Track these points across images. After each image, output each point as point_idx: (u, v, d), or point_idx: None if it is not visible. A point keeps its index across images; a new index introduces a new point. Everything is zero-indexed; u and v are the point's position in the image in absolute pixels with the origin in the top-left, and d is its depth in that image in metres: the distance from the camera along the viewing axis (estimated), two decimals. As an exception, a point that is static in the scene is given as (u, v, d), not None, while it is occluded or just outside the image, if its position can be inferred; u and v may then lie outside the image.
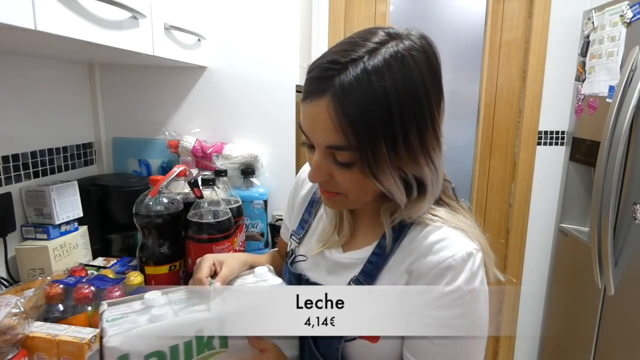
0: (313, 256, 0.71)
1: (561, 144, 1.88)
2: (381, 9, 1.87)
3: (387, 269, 0.61)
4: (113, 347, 0.55)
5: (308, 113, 0.54)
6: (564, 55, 1.79)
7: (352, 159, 0.53)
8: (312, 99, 0.53)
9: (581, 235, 1.71)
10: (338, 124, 0.50)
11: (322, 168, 0.56)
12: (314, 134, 0.55)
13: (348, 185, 0.57)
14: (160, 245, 0.94)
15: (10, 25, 0.58)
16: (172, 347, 0.58)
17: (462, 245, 0.56)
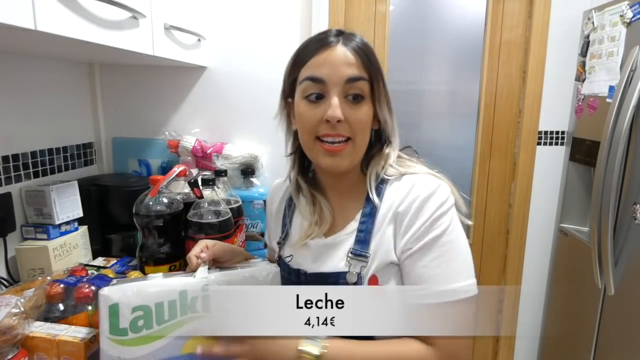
0: (297, 250, 0.75)
1: (561, 144, 1.88)
2: (381, 9, 1.87)
3: (376, 229, 0.68)
4: (105, 296, 0.61)
5: (328, 57, 0.66)
6: (564, 55, 1.79)
7: (366, 90, 0.67)
8: (332, 46, 0.66)
9: (581, 235, 1.71)
10: (359, 60, 0.66)
11: (339, 106, 0.65)
12: (336, 71, 0.65)
13: (358, 123, 0.66)
14: (160, 245, 0.95)
15: (10, 25, 0.58)
16: (157, 304, 0.63)
17: (432, 182, 0.67)
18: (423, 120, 1.96)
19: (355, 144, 0.68)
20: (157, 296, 0.62)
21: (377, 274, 0.66)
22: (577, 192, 1.79)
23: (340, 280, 0.67)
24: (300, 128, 0.70)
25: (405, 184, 0.68)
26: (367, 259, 0.66)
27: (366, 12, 1.87)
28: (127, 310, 0.61)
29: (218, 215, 0.96)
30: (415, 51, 1.88)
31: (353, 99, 0.66)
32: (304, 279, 0.71)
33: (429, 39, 1.88)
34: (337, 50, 0.66)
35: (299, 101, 0.69)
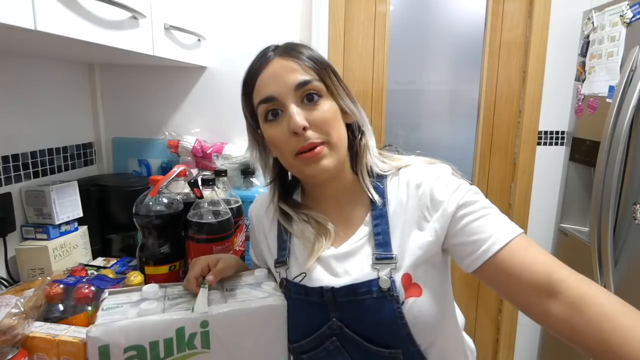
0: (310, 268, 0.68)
1: (561, 144, 1.88)
2: (381, 9, 1.87)
3: (393, 228, 0.66)
4: (94, 338, 0.57)
5: (269, 73, 0.66)
6: (564, 55, 1.79)
7: (319, 88, 0.66)
8: (270, 60, 0.67)
9: (581, 235, 1.71)
10: (301, 64, 0.66)
11: (299, 113, 0.64)
12: (282, 82, 0.65)
13: (325, 121, 0.65)
14: (160, 245, 0.94)
15: (10, 25, 0.58)
16: (152, 343, 0.59)
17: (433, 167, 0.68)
18: (423, 120, 1.96)
19: (332, 143, 0.66)
20: (152, 335, 0.59)
21: (409, 272, 0.64)
22: (577, 192, 1.79)
23: (373, 289, 0.63)
24: (276, 151, 0.69)
25: (407, 177, 0.68)
26: (393, 261, 0.64)
27: (366, 12, 1.87)
28: (119, 351, 0.58)
29: (218, 215, 0.96)
30: (415, 51, 1.88)
31: (309, 100, 0.65)
32: (331, 295, 0.65)
33: (429, 39, 1.88)
34: (275, 63, 0.67)
35: (264, 126, 0.68)
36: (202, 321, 0.61)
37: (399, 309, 0.62)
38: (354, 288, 0.64)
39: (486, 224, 0.61)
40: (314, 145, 0.64)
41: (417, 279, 0.64)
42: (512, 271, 0.58)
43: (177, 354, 0.61)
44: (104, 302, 0.65)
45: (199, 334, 0.61)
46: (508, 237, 0.59)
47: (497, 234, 0.59)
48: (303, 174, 0.68)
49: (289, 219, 0.74)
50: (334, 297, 0.65)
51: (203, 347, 0.62)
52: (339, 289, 0.65)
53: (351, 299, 0.64)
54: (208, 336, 0.62)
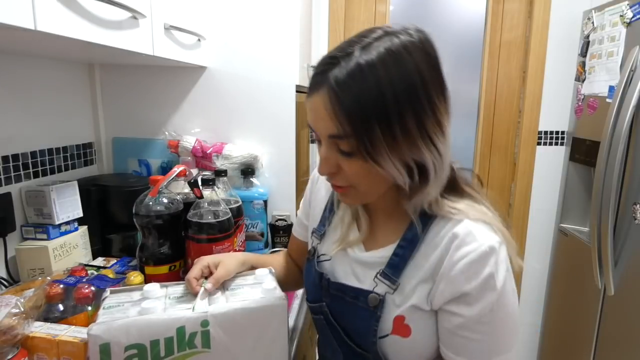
0: (335, 255, 0.71)
1: (561, 144, 1.88)
2: (381, 9, 1.87)
3: (413, 263, 0.62)
4: (95, 335, 0.58)
5: (310, 107, 0.58)
6: (564, 55, 1.79)
7: (352, 147, 0.55)
8: (311, 93, 0.57)
9: (581, 235, 1.71)
10: (333, 114, 0.53)
11: (329, 160, 0.59)
12: (316, 126, 0.58)
13: (355, 176, 0.58)
14: (160, 245, 0.94)
15: (10, 25, 0.58)
16: (152, 341, 0.60)
17: (485, 238, 0.57)
18: (423, 120, 1.96)
19: (359, 190, 0.61)
20: (153, 334, 0.59)
21: (405, 314, 0.61)
22: (577, 192, 1.79)
23: (360, 298, 0.63)
24: None
25: (458, 230, 0.58)
26: (394, 286, 0.61)
27: (366, 12, 1.87)
28: (120, 349, 0.58)
29: (218, 215, 0.96)
30: (415, 51, 1.88)
31: (341, 153, 0.57)
32: (326, 284, 0.69)
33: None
34: (317, 99, 0.55)
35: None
36: (202, 320, 0.61)
37: (375, 327, 0.62)
38: (346, 289, 0.66)
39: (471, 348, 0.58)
40: (337, 187, 0.62)
41: (411, 322, 0.61)
42: None
43: (178, 353, 0.61)
44: (105, 301, 0.66)
45: (199, 333, 0.61)
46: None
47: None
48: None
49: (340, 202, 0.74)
50: (328, 286, 0.69)
51: (203, 347, 0.62)
52: (333, 283, 0.68)
53: (340, 295, 0.67)
54: (209, 335, 0.62)
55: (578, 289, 1.70)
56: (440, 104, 0.56)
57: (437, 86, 0.56)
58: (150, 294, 0.66)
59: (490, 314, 0.56)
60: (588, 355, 1.60)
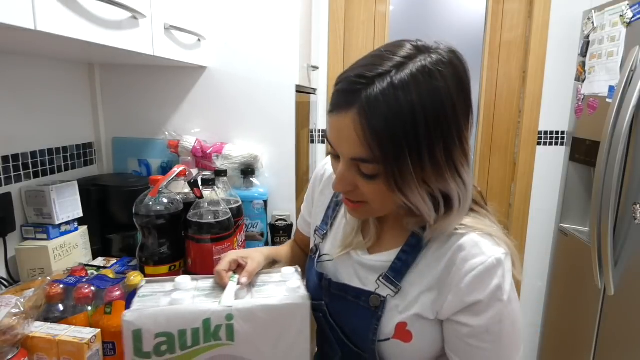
0: (338, 257, 0.71)
1: (561, 144, 1.88)
2: (381, 9, 1.87)
3: (417, 270, 0.62)
4: (128, 322, 0.61)
5: (334, 125, 0.55)
6: (564, 55, 1.79)
7: (377, 171, 0.54)
8: (338, 112, 0.53)
9: (581, 235, 1.71)
10: (363, 137, 0.51)
11: (346, 179, 0.57)
12: (339, 145, 0.55)
13: (372, 196, 0.58)
14: (160, 245, 0.95)
15: (10, 25, 0.58)
16: (180, 331, 0.62)
17: (491, 251, 0.57)
18: (423, 120, 1.96)
19: (373, 207, 0.60)
20: (181, 324, 0.62)
21: (407, 321, 0.61)
22: (577, 192, 1.79)
23: (362, 298, 0.64)
24: None
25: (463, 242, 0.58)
26: (395, 289, 0.62)
27: (366, 12, 1.87)
28: (150, 335, 0.61)
29: (218, 215, 0.96)
30: (415, 51, 1.88)
31: (362, 175, 0.56)
32: (327, 284, 0.70)
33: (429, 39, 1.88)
34: (345, 119, 0.52)
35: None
36: (227, 314, 0.63)
37: (376, 326, 0.62)
38: (348, 289, 0.67)
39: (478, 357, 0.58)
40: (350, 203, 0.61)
41: (413, 328, 0.61)
42: None
43: (203, 344, 0.63)
44: (140, 290, 0.69)
45: (224, 326, 0.63)
46: None
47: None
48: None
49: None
50: (329, 286, 0.69)
51: (228, 340, 0.64)
52: (334, 283, 0.69)
53: (342, 295, 0.68)
54: (233, 329, 0.64)
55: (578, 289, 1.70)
56: (466, 132, 0.56)
57: (466, 113, 0.55)
58: (182, 285, 0.69)
59: (498, 325, 0.57)
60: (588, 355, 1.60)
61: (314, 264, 0.75)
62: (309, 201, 0.86)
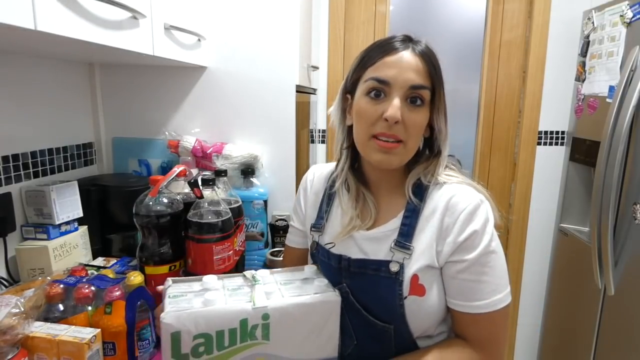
0: (341, 241, 0.77)
1: (561, 144, 1.88)
2: (381, 9, 1.87)
3: (419, 228, 0.71)
4: (168, 324, 0.61)
5: (396, 61, 0.69)
6: (564, 55, 1.79)
7: (426, 97, 0.69)
8: (400, 50, 0.69)
9: (581, 235, 1.71)
10: (426, 68, 0.69)
11: (399, 109, 0.67)
12: (402, 75, 0.68)
13: (413, 127, 0.69)
14: (160, 245, 0.94)
15: (10, 25, 0.58)
16: (218, 332, 0.63)
17: (474, 194, 0.70)
18: (423, 120, 1.96)
19: (407, 147, 0.70)
20: (219, 324, 0.63)
21: (418, 274, 0.69)
22: (577, 192, 1.79)
23: (382, 268, 0.70)
24: (357, 124, 0.73)
25: (449, 191, 0.70)
26: (409, 251, 0.70)
27: (366, 12, 1.87)
28: (189, 337, 0.62)
29: (218, 215, 0.96)
30: (415, 51, 1.88)
31: (412, 102, 0.68)
32: (346, 264, 0.74)
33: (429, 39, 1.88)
34: (405, 55, 0.69)
35: (360, 98, 0.71)
36: (263, 314, 0.64)
37: (400, 291, 0.69)
38: (367, 263, 0.72)
39: (478, 290, 0.67)
40: (393, 139, 0.68)
41: (424, 281, 0.69)
42: (473, 326, 0.70)
43: (240, 344, 0.64)
44: (168, 290, 0.69)
45: (260, 325, 0.64)
46: (491, 308, 0.67)
47: (483, 302, 0.67)
48: (369, 156, 0.72)
49: (344, 189, 0.80)
50: (349, 266, 0.74)
51: (263, 338, 0.65)
52: (354, 260, 0.73)
53: (362, 271, 0.72)
54: (268, 328, 0.65)
55: (578, 289, 1.70)
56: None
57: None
58: (210, 285, 0.70)
59: (487, 256, 0.67)
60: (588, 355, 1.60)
61: (325, 252, 0.78)
62: (299, 213, 0.91)
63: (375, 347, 0.73)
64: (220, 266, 0.96)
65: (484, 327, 0.69)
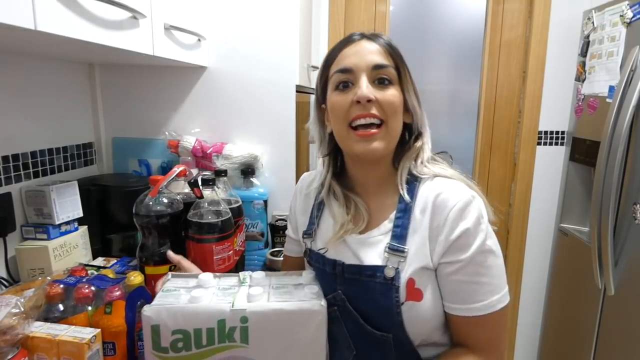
0: (333, 246, 0.75)
1: (561, 144, 1.88)
2: (381, 9, 1.87)
3: (411, 228, 0.69)
4: (147, 317, 0.63)
5: (353, 49, 0.71)
6: (564, 55, 1.79)
7: (393, 76, 0.70)
8: (357, 41, 0.72)
9: (581, 235, 1.71)
10: (384, 49, 0.71)
11: (369, 87, 0.68)
12: (363, 58, 0.69)
13: (388, 105, 0.69)
14: (160, 245, 0.94)
15: (10, 25, 0.58)
16: (196, 330, 0.63)
17: (466, 190, 0.67)
18: (423, 120, 1.96)
19: (388, 127, 0.70)
20: (196, 323, 0.63)
21: (414, 277, 0.67)
22: (577, 192, 1.79)
23: (377, 274, 0.68)
24: (333, 120, 0.73)
25: (439, 187, 0.69)
26: (404, 254, 0.67)
27: (366, 12, 1.87)
28: (167, 331, 0.62)
29: (218, 215, 0.96)
30: (415, 51, 1.88)
31: (379, 82, 0.69)
32: (341, 269, 0.72)
33: (429, 39, 1.88)
34: (362, 42, 0.71)
35: (331, 95, 0.72)
36: (241, 316, 0.64)
37: (397, 298, 0.66)
38: (362, 269, 0.70)
39: (475, 291, 0.65)
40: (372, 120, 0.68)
41: (420, 284, 0.67)
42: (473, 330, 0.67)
43: (218, 344, 0.64)
44: (165, 284, 0.70)
45: (239, 328, 0.64)
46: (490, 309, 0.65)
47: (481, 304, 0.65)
48: (352, 150, 0.71)
49: (330, 196, 0.79)
50: (343, 272, 0.72)
51: (242, 342, 0.64)
52: (348, 266, 0.71)
53: (357, 277, 0.70)
54: (247, 331, 0.64)
55: (578, 289, 1.70)
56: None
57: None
58: (204, 283, 0.70)
59: (482, 255, 0.65)
60: (588, 355, 1.60)
61: (319, 258, 0.77)
62: (293, 220, 0.91)
63: (376, 356, 0.71)
64: (220, 266, 0.96)
65: (484, 330, 0.67)
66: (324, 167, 0.81)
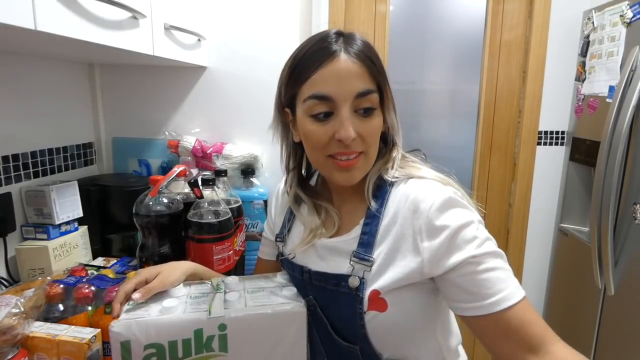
0: (301, 251, 0.72)
1: (561, 144, 1.88)
2: (381, 9, 1.87)
3: (379, 237, 0.65)
4: (117, 333, 0.59)
5: (333, 71, 0.61)
6: (564, 55, 1.79)
7: (376, 101, 0.64)
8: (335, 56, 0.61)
9: (581, 235, 1.71)
10: (366, 69, 0.62)
11: (350, 122, 0.62)
12: (344, 86, 0.61)
13: (370, 135, 0.64)
14: (160, 245, 0.95)
15: (10, 25, 0.58)
16: (170, 342, 0.60)
17: (437, 192, 0.62)
18: (423, 120, 1.96)
19: (368, 156, 0.66)
20: (171, 334, 0.59)
21: (380, 288, 0.62)
22: (577, 192, 1.79)
23: (342, 283, 0.65)
24: (308, 148, 0.68)
25: (412, 190, 0.63)
26: (369, 264, 0.63)
27: (366, 12, 1.87)
28: (139, 347, 0.59)
29: (218, 215, 0.96)
30: (415, 51, 1.88)
31: (364, 112, 0.63)
32: (308, 276, 0.70)
33: (429, 39, 1.88)
34: (341, 61, 0.61)
35: (304, 119, 0.64)
36: (220, 324, 0.61)
37: (360, 309, 0.63)
38: (327, 277, 0.67)
39: (492, 280, 0.57)
40: (353, 155, 0.64)
41: (386, 295, 0.62)
42: (511, 328, 0.57)
43: (195, 355, 0.61)
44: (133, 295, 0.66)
45: (217, 336, 0.61)
46: (517, 298, 0.57)
47: (505, 292, 0.57)
48: (330, 177, 0.68)
49: (298, 205, 0.77)
50: (310, 278, 0.70)
51: (221, 350, 0.62)
52: (314, 272, 0.69)
53: (323, 285, 0.68)
54: (226, 339, 0.62)
55: (578, 289, 1.70)
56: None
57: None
58: (173, 292, 0.67)
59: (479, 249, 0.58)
60: (588, 355, 1.59)
61: (289, 262, 0.75)
62: (270, 223, 0.87)
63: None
64: (220, 266, 0.96)
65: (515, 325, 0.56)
66: (289, 178, 0.77)
